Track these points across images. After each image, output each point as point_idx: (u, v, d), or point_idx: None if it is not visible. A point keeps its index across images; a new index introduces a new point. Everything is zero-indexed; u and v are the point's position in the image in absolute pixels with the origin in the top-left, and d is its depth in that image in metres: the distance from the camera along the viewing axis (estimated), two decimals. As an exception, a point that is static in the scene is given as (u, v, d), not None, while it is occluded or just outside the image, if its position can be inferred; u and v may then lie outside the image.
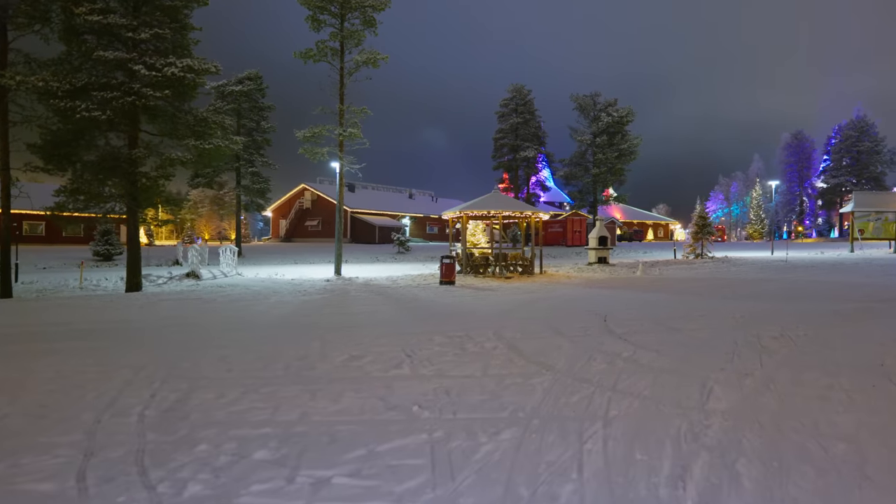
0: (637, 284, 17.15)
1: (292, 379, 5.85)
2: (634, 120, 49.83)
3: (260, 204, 40.54)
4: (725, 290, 15.04)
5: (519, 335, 8.26)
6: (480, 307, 11.84)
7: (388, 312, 11.15)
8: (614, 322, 9.41)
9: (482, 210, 19.79)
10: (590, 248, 28.80)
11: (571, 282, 18.46)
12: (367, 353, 7.06)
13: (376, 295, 14.70)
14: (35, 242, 46.10)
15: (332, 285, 18.07)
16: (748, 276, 20.16)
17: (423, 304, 12.54)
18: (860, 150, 76.69)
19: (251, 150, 39.11)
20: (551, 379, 5.71)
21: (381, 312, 11.14)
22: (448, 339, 7.95)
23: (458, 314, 10.76)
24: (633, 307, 11.47)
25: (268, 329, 9.18)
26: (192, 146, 17.61)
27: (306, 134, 23.72)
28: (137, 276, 18.16)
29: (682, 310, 10.99)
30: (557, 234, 51.21)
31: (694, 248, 32.55)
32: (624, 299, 13.00)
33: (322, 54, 23.92)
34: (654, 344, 7.51)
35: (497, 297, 13.91)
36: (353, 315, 10.76)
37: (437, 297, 14.07)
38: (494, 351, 7.17)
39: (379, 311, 11.43)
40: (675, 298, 13.18)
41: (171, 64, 16.77)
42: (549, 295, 14.25)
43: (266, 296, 14.87)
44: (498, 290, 15.57)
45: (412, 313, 11.04)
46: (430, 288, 16.54)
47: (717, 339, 7.82)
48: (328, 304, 12.82)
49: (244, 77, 38.97)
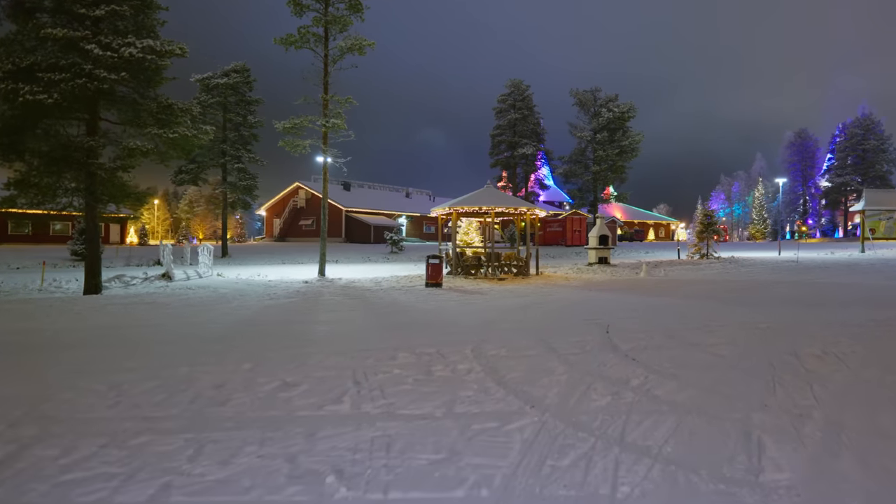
0: (641, 287, 15.63)
1: (187, 421, 4.33)
2: (636, 116, 48.31)
3: (247, 202, 38.97)
4: (740, 294, 13.52)
5: (502, 352, 6.73)
6: (464, 315, 10.31)
7: (355, 321, 9.63)
8: (618, 334, 7.89)
9: (473, 206, 18.26)
10: (590, 248, 27.28)
11: (570, 284, 16.95)
12: (306, 379, 5.54)
13: (351, 299, 13.18)
14: (21, 241, 44.45)
15: (308, 287, 16.56)
16: (760, 277, 18.64)
17: (400, 311, 11.02)
18: (865, 149, 75.15)
19: (238, 146, 37.58)
20: (536, 423, 4.19)
21: (348, 321, 9.62)
22: (414, 359, 6.42)
23: (436, 324, 9.24)
24: (638, 315, 9.95)
25: (203, 343, 7.66)
26: (153, 135, 16.11)
27: (286, 125, 22.22)
28: (96, 277, 16.65)
29: (695, 318, 9.47)
30: (557, 234, 49.68)
31: (699, 248, 31.03)
32: (628, 305, 11.49)
33: (304, 40, 22.41)
34: (670, 365, 5.99)
35: (485, 301, 12.39)
36: (312, 325, 9.23)
37: (419, 301, 12.55)
38: (468, 376, 5.65)
39: (346, 319, 9.90)
40: (686, 304, 11.66)
41: (130, 44, 15.26)
42: (544, 299, 12.73)
43: (229, 299, 13.35)
44: (488, 294, 14.04)
45: (383, 322, 9.52)
46: (414, 291, 15.02)
47: (747, 359, 6.30)
48: (292, 310, 11.30)
49: (230, 69, 37.42)
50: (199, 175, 37.03)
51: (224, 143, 37.16)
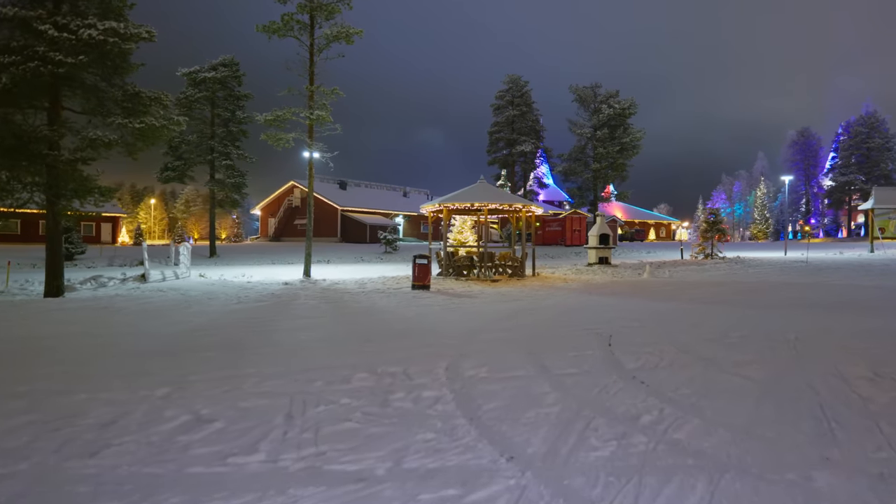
0: (645, 290, 14.42)
1: (23, 485, 3.12)
2: (637, 112, 47.08)
3: (236, 200, 37.68)
4: (754, 298, 12.31)
5: (482, 372, 5.53)
6: (446, 322, 9.11)
7: (320, 331, 8.41)
8: (622, 347, 6.68)
9: (465, 202, 17.03)
10: (589, 248, 26.08)
11: (568, 286, 15.74)
12: (227, 412, 4.33)
13: (326, 303, 11.96)
14: (8, 241, 43.12)
15: (286, 290, 15.36)
16: (771, 279, 17.43)
17: (376, 317, 9.81)
18: (870, 147, 73.85)
19: (226, 142, 36.31)
20: (512, 489, 2.98)
21: (311, 330, 8.40)
22: (373, 381, 5.22)
23: (413, 333, 8.03)
24: (644, 322, 8.74)
25: (131, 358, 6.45)
26: (117, 125, 14.91)
27: (268, 117, 21.01)
28: (58, 279, 15.42)
29: (709, 326, 8.26)
30: (556, 233, 48.46)
31: (703, 248, 29.82)
32: (632, 310, 10.28)
33: (288, 28, 21.20)
34: (689, 392, 4.78)
35: (473, 306, 11.18)
36: (269, 335, 8.02)
37: (400, 306, 11.34)
38: (433, 408, 4.44)
39: (310, 327, 8.69)
40: (696, 309, 10.45)
41: (91, 26, 14.05)
42: (539, 304, 11.52)
43: (192, 304, 12.14)
44: (478, 297, 12.83)
45: (352, 331, 8.31)
46: (398, 294, 13.80)
47: (783, 384, 5.09)
48: (255, 317, 10.08)
49: (218, 63, 36.15)
50: (185, 172, 35.77)
51: (212, 140, 35.94)
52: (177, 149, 35.15)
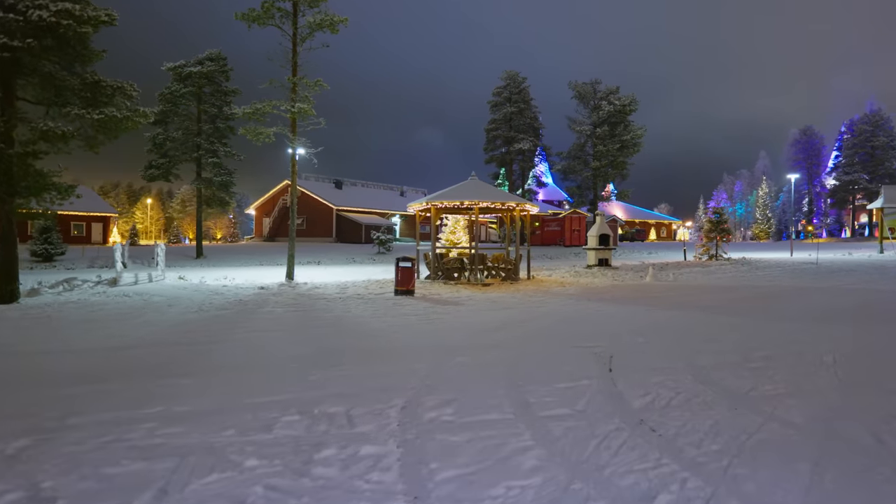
0: (649, 295, 13.20)
1: None
2: (638, 109, 45.84)
3: (224, 199, 36.39)
4: (770, 304, 11.08)
5: (447, 414, 4.31)
6: (421, 337, 7.88)
7: (268, 349, 7.19)
8: (626, 373, 5.47)
9: (454, 200, 15.79)
10: (589, 249, 24.86)
11: (565, 291, 14.51)
12: (78, 485, 3.11)
13: (294, 312, 10.73)
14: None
15: (259, 295, 14.15)
16: (783, 283, 16.21)
17: (344, 330, 8.58)
18: (874, 146, 72.57)
19: (213, 139, 35.05)
20: None
21: (258, 349, 7.18)
22: (301, 429, 4.00)
23: (378, 352, 6.80)
24: (650, 337, 7.51)
25: (26, 387, 5.22)
26: (74, 115, 13.70)
27: (247, 110, 19.79)
28: (11, 283, 14.18)
29: (727, 343, 7.03)
30: (555, 234, 47.23)
31: (707, 249, 28.58)
32: (635, 322, 9.05)
33: (269, 16, 19.96)
34: (717, 450, 3.56)
35: (457, 317, 9.95)
36: (208, 354, 6.78)
37: (375, 316, 10.10)
38: (366, 478, 3.21)
39: (259, 345, 7.46)
40: (708, 319, 9.22)
41: (42, 6, 12.83)
42: (531, 313, 10.29)
43: (150, 311, 10.91)
44: (464, 305, 11.61)
45: (308, 349, 7.08)
46: (379, 301, 12.58)
47: (840, 435, 3.87)
48: (209, 328, 8.85)
49: (205, 57, 34.89)
50: (170, 170, 34.51)
51: (198, 137, 34.69)
52: (161, 146, 33.93)
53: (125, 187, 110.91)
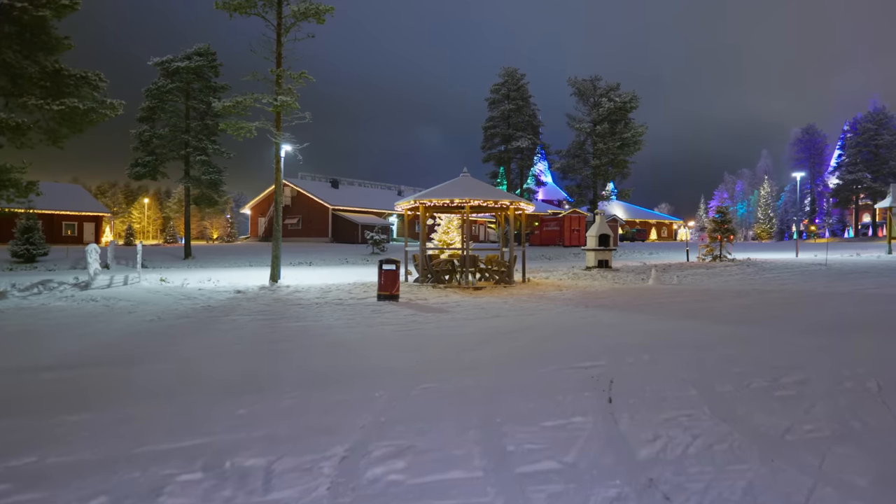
0: (652, 301, 12.17)
1: None
2: (638, 107, 44.78)
3: (213, 198, 35.33)
4: (788, 314, 10.05)
5: (395, 471, 3.29)
6: (393, 354, 6.87)
7: (209, 369, 6.16)
8: (630, 407, 4.45)
9: (443, 198, 14.76)
10: (588, 249, 23.84)
11: (562, 295, 13.49)
12: None
13: (260, 321, 9.71)
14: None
15: (233, 300, 13.15)
16: (796, 286, 15.19)
17: (305, 345, 7.55)
18: (878, 144, 71.45)
19: (202, 136, 34.00)
20: None
21: (198, 369, 6.15)
22: (194, 496, 2.99)
23: (334, 377, 5.78)
24: (657, 354, 6.49)
25: None
26: (33, 106, 12.70)
27: (227, 104, 18.76)
28: (-35, 286, 13.22)
29: (748, 361, 6.01)
30: (553, 234, 46.20)
31: (711, 250, 27.55)
32: (639, 333, 8.03)
33: (250, 4, 18.93)
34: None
35: (440, 327, 8.92)
36: (132, 380, 5.76)
37: (349, 326, 9.08)
38: None
39: (202, 362, 6.43)
40: (721, 332, 8.20)
41: (-7, -12, 11.82)
42: (522, 322, 9.27)
43: (103, 319, 9.89)
44: (450, 313, 10.58)
45: (252, 372, 6.05)
46: (358, 307, 11.55)
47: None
48: (155, 341, 7.83)
49: (193, 52, 33.85)
50: (157, 168, 33.47)
51: (186, 134, 33.65)
52: (148, 143, 32.90)
53: (122, 187, 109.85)
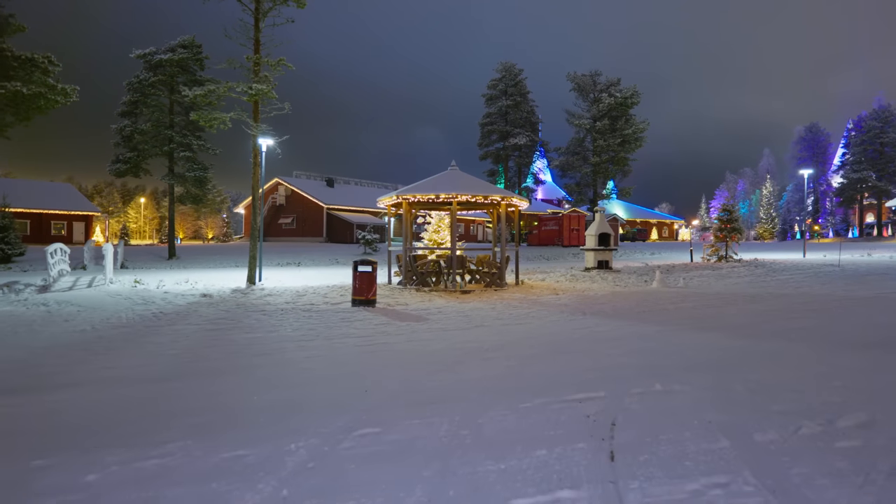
0: (658, 307, 10.87)
1: None
2: (640, 102, 43.47)
3: (198, 196, 34.02)
4: (818, 324, 8.75)
5: None
6: (340, 380, 5.57)
7: (97, 399, 4.86)
8: (639, 470, 3.15)
9: (427, 193, 13.47)
10: (587, 249, 22.55)
11: (557, 300, 12.19)
12: None
13: (209, 330, 8.41)
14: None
15: (193, 304, 11.86)
16: (813, 290, 13.89)
17: (239, 366, 6.25)
18: (883, 142, 70.06)
19: (186, 132, 32.69)
20: None
21: (72, 408, 4.86)
22: None
23: (253, 411, 4.48)
24: (669, 380, 5.20)
25: None
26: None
27: (198, 93, 17.53)
28: None
29: (788, 392, 4.72)
30: (552, 233, 44.89)
31: (717, 250, 26.25)
32: (646, 351, 6.73)
33: (225, -15, 17.71)
34: None
35: (411, 340, 7.62)
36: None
37: (306, 338, 7.78)
38: None
39: (89, 394, 5.15)
40: (745, 348, 6.89)
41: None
42: (508, 335, 7.97)
43: (31, 327, 8.61)
44: (429, 321, 9.28)
45: (151, 405, 4.77)
46: (328, 314, 10.26)
47: None
48: (62, 360, 6.55)
49: (177, 45, 32.55)
50: (139, 165, 32.16)
51: (170, 129, 32.34)
52: (129, 139, 31.59)
53: (119, 186, 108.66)
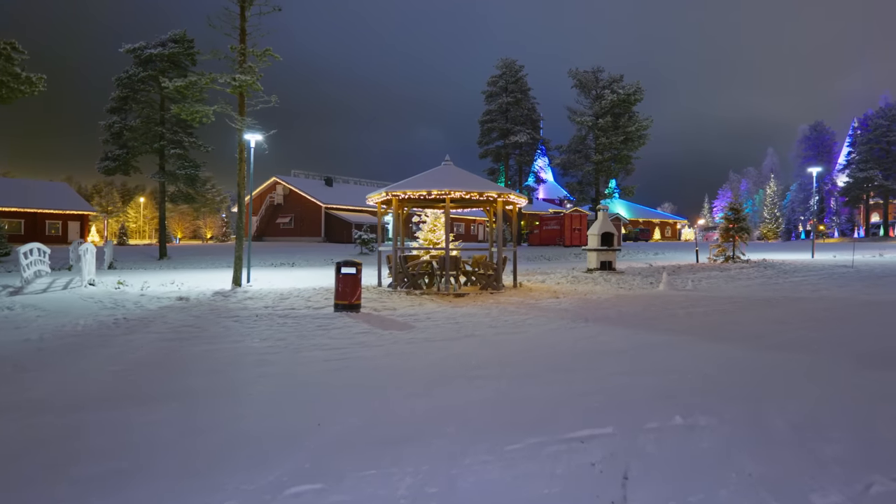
0: (667, 311, 9.96)
1: None
2: (643, 99, 42.52)
3: (189, 194, 33.17)
4: (849, 335, 7.85)
5: None
6: (296, 408, 4.68)
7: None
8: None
9: (419, 190, 12.59)
10: (590, 249, 21.62)
11: (557, 304, 11.29)
12: None
13: (169, 340, 7.53)
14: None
15: (165, 308, 10.99)
16: (832, 293, 12.97)
17: (190, 386, 5.37)
18: (890, 141, 68.98)
19: (177, 129, 31.84)
20: None
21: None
22: None
23: (162, 458, 3.61)
24: (694, 413, 4.30)
25: None
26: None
27: (179, 85, 16.67)
28: None
29: (841, 428, 3.83)
30: (554, 233, 43.98)
31: (724, 250, 25.32)
32: (660, 370, 5.84)
33: (208, -28, 16.83)
34: None
35: (391, 353, 6.73)
36: None
37: (272, 350, 6.89)
38: None
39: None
40: (775, 363, 5.99)
41: None
42: (501, 347, 7.07)
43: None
44: (415, 329, 8.40)
45: (34, 450, 3.90)
46: (306, 320, 9.37)
47: None
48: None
49: (168, 39, 31.70)
50: (129, 162, 31.33)
51: (160, 126, 31.49)
52: (119, 136, 30.76)
53: (119, 186, 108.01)
